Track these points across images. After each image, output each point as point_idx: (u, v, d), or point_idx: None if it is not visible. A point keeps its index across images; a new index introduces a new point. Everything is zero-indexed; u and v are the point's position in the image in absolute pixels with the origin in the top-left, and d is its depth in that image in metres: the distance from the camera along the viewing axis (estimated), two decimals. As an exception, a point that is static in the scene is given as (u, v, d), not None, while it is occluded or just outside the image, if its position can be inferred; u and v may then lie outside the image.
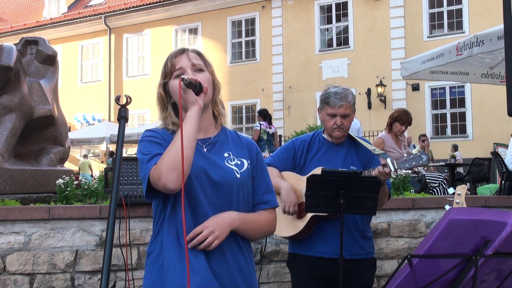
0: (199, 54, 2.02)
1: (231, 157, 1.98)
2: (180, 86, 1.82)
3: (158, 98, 2.00)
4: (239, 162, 1.98)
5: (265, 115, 10.45)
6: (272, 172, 2.99)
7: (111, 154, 18.69)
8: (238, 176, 1.94)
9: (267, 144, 10.16)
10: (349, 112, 2.92)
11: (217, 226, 1.83)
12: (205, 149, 1.95)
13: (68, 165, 6.20)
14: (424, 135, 12.13)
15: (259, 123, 10.35)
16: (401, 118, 5.87)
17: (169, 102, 1.99)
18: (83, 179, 4.95)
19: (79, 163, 18.22)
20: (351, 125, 3.00)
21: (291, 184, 2.93)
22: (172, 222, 1.87)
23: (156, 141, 1.90)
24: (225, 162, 1.95)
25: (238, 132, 2.12)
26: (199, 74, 1.94)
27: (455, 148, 14.69)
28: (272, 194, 2.07)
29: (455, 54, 6.14)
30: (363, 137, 3.18)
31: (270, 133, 10.38)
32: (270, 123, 10.55)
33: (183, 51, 2.00)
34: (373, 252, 3.02)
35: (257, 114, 11.15)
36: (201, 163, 1.88)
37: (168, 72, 1.96)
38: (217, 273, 1.85)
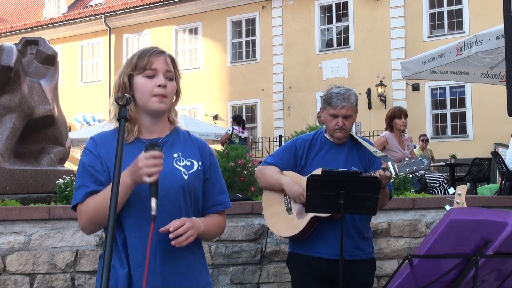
0: (173, 61, 1.98)
1: (180, 158, 1.96)
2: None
3: (117, 87, 1.94)
4: (188, 163, 1.96)
5: (238, 120, 11.60)
6: (273, 169, 2.99)
7: None
8: (186, 177, 1.93)
9: None
10: (351, 113, 2.90)
11: (193, 224, 1.84)
12: None
13: (68, 165, 6.19)
14: (424, 135, 12.13)
15: (232, 128, 11.40)
16: (397, 113, 5.90)
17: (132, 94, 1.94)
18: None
19: None
20: (353, 126, 2.99)
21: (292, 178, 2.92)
22: (119, 229, 1.88)
23: (89, 170, 1.89)
24: (174, 163, 1.93)
25: (191, 133, 2.12)
26: (169, 82, 1.93)
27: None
28: (225, 196, 2.08)
29: (455, 54, 6.14)
30: (365, 138, 3.17)
31: (243, 137, 11.31)
32: (243, 128, 11.59)
33: (162, 52, 1.96)
34: (373, 252, 3.01)
35: (231, 120, 12.18)
36: None
37: (141, 66, 1.91)
38: (163, 272, 1.86)
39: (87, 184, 1.88)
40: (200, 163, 1.99)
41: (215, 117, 20.98)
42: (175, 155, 1.95)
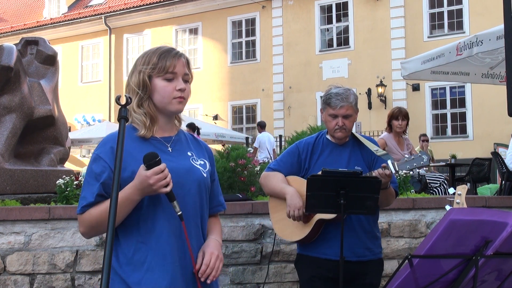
0: (188, 63, 2.00)
1: (194, 157, 2.00)
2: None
3: (138, 85, 1.93)
4: (202, 162, 2.01)
5: (193, 128, 11.96)
6: (278, 177, 2.98)
7: None
8: (205, 175, 1.98)
9: None
10: (351, 113, 2.90)
11: (218, 250, 1.93)
12: (169, 148, 1.96)
13: (68, 165, 6.19)
14: (425, 135, 12.11)
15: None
16: (394, 114, 5.88)
17: (148, 94, 1.94)
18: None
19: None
20: (353, 125, 2.99)
21: (297, 189, 2.91)
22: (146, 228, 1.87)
23: (97, 179, 1.87)
24: (191, 161, 1.97)
25: (194, 135, 2.17)
26: (187, 85, 1.96)
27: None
28: (222, 197, 2.17)
29: (455, 54, 6.14)
30: (368, 136, 3.16)
31: None
32: (198, 133, 12.05)
33: (181, 55, 1.97)
34: (381, 253, 3.01)
35: (186, 127, 12.53)
36: (169, 164, 1.84)
37: (162, 68, 1.91)
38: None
39: (89, 196, 1.87)
40: (209, 164, 2.05)
41: (215, 117, 20.98)
42: (189, 153, 1.99)
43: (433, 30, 18.29)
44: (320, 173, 2.73)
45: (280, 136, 17.61)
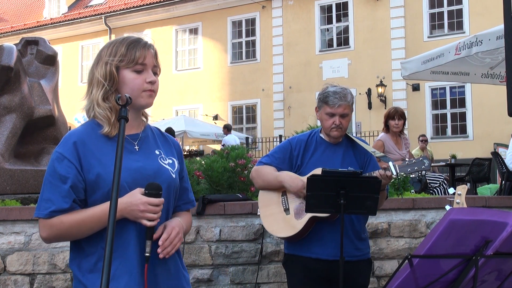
0: (156, 54, 1.91)
1: (163, 155, 1.91)
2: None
3: (104, 77, 1.83)
4: (170, 161, 1.93)
5: (171, 132, 12.32)
6: (270, 169, 2.96)
7: None
8: (174, 176, 1.90)
9: None
10: (348, 112, 2.91)
11: (179, 229, 1.81)
12: (136, 147, 1.86)
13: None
14: (424, 135, 12.12)
15: None
16: (393, 114, 5.88)
17: (116, 87, 1.84)
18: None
19: None
20: (348, 124, 2.99)
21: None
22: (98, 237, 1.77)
23: (62, 182, 1.75)
24: (159, 161, 1.88)
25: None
26: (156, 78, 1.88)
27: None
28: (192, 194, 2.08)
29: (454, 54, 6.14)
30: (361, 138, 3.17)
31: None
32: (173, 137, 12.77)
33: (150, 45, 1.88)
34: (369, 253, 3.01)
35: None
36: (136, 164, 1.80)
37: (131, 60, 1.82)
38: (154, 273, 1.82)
39: (56, 200, 1.75)
40: (178, 162, 1.97)
41: (215, 117, 20.98)
42: (157, 152, 1.90)
43: (433, 30, 18.29)
44: (319, 172, 2.73)
45: (280, 136, 17.61)
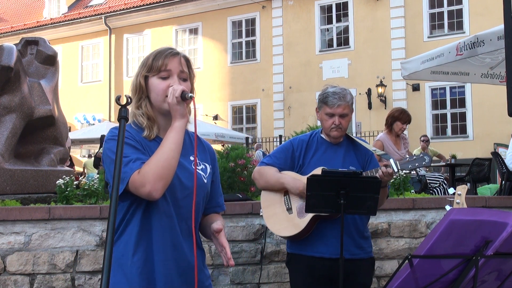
0: (188, 61, 2.00)
1: (197, 161, 1.96)
2: (194, 103, 1.90)
3: (135, 88, 1.97)
4: (203, 167, 2.02)
5: None
6: (272, 170, 2.99)
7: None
8: (205, 181, 2.00)
9: None
10: (347, 112, 2.92)
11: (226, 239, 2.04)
12: None
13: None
14: (425, 136, 12.12)
15: None
16: (402, 117, 5.85)
17: (146, 95, 1.97)
18: (84, 179, 4.95)
19: (84, 163, 18.07)
20: (348, 125, 3.00)
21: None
22: (146, 225, 1.89)
23: (130, 143, 1.87)
24: (193, 166, 1.95)
25: (199, 136, 2.14)
26: (184, 83, 1.95)
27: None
28: (223, 198, 2.17)
29: (455, 54, 6.14)
30: (362, 138, 3.18)
31: None
32: None
33: (177, 53, 1.97)
34: (372, 252, 3.02)
35: None
36: None
37: (156, 68, 1.93)
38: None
39: (134, 155, 1.85)
40: (210, 167, 2.06)
41: (215, 117, 20.98)
42: (192, 158, 1.98)
43: (433, 30, 18.29)
44: (319, 172, 2.73)
45: (280, 136, 17.61)
